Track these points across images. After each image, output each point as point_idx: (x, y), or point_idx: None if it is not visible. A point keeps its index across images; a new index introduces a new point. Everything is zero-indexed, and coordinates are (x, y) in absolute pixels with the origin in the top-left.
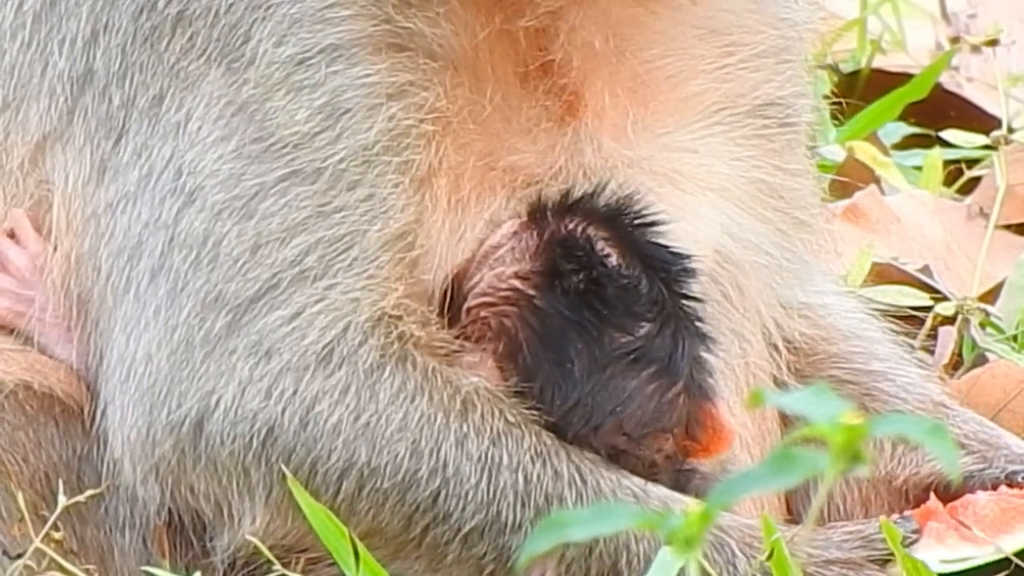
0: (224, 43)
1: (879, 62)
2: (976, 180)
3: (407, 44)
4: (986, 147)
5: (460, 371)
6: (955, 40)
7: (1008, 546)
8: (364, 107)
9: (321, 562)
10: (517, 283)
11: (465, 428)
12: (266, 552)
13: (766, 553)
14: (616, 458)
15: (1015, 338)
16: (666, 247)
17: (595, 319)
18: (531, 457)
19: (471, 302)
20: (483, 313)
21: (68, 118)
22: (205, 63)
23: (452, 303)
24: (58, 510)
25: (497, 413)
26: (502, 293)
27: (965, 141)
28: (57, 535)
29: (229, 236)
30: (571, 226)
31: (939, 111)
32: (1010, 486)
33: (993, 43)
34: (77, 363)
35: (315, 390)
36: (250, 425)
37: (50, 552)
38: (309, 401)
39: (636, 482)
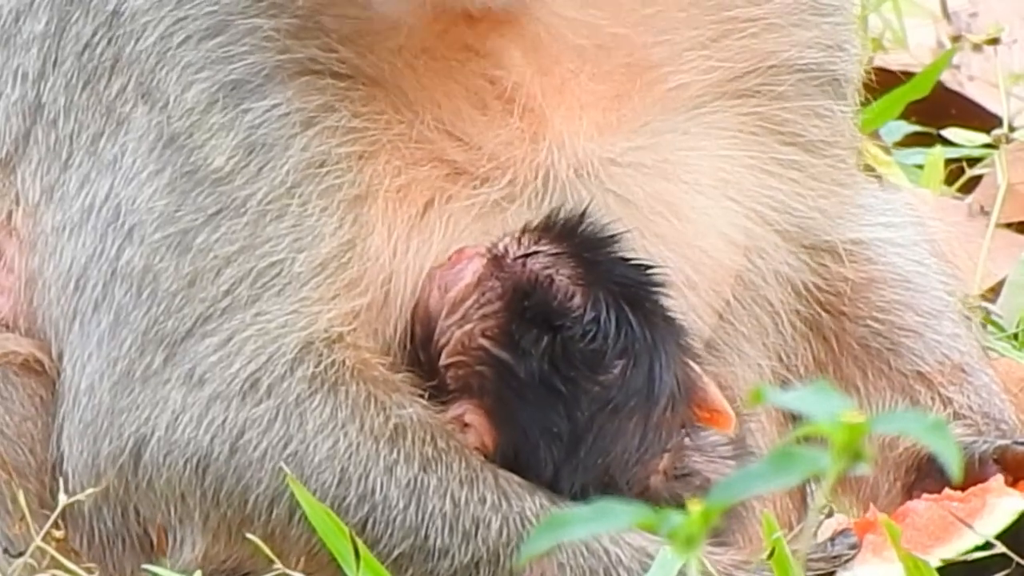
0: (147, 88)
1: (880, 60)
2: (977, 178)
3: (310, 68)
4: (987, 145)
5: (395, 397)
6: (956, 38)
7: (942, 555)
8: (280, 139)
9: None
10: (486, 343)
11: (395, 455)
12: (267, 551)
13: (767, 552)
14: (606, 492)
15: (1016, 336)
16: (630, 264)
17: (569, 383)
18: (459, 482)
19: (444, 360)
20: (460, 372)
21: (24, 141)
22: (134, 105)
23: (426, 355)
24: (58, 509)
25: (428, 439)
26: (474, 353)
27: (966, 139)
28: (58, 533)
29: (167, 271)
30: (533, 268)
31: (940, 109)
32: (996, 461)
33: (994, 41)
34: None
35: (243, 418)
36: (183, 453)
37: (51, 551)
38: (238, 430)
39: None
